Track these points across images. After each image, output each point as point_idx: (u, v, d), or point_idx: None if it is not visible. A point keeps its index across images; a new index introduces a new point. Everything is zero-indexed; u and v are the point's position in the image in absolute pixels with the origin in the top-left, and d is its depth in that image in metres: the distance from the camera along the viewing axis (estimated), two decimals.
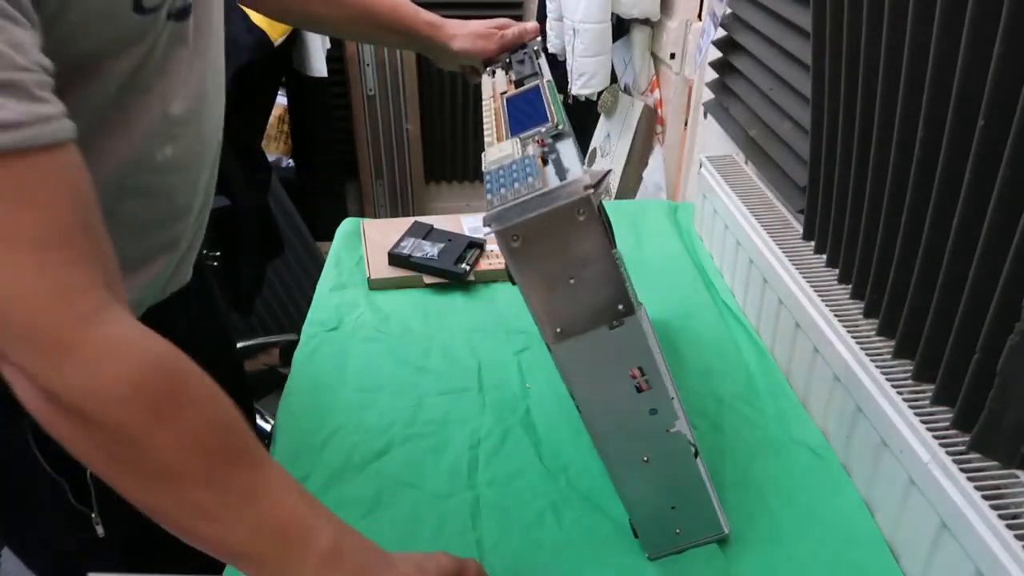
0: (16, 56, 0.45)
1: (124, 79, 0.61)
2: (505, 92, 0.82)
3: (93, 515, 0.75)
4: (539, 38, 0.97)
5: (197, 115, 0.70)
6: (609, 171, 0.80)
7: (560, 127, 0.68)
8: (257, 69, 1.82)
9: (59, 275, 0.45)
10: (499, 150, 0.67)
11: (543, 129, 0.68)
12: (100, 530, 0.76)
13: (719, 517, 0.73)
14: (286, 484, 0.53)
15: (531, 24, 0.98)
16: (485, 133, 0.74)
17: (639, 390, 0.65)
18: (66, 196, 0.47)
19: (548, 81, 0.80)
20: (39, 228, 0.45)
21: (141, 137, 0.64)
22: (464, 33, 0.96)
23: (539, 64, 0.88)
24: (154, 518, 0.50)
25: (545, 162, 0.63)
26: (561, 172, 0.60)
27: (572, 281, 0.61)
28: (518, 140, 0.68)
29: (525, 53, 0.92)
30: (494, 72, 0.90)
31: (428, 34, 0.96)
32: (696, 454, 0.70)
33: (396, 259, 1.16)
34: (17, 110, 0.44)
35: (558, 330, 0.62)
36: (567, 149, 0.64)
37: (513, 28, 0.97)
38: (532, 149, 0.65)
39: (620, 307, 0.62)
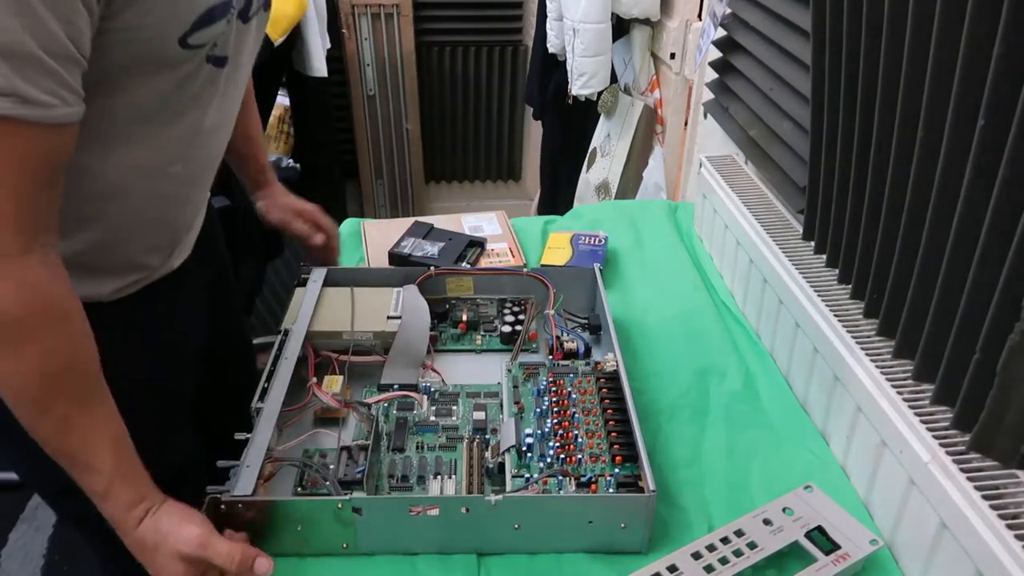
0: (64, 39, 0.53)
1: (156, 100, 0.67)
2: None
3: None
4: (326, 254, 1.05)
5: (210, 141, 0.77)
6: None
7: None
8: (257, 69, 1.82)
9: (13, 223, 0.56)
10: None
11: None
12: None
13: (639, 488, 0.72)
14: (103, 427, 0.65)
15: (322, 238, 1.05)
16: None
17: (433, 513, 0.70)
18: (51, 164, 0.58)
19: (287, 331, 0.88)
20: (19, 186, 0.56)
21: (161, 152, 0.72)
22: (274, 200, 1.06)
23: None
24: None
25: None
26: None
27: (301, 529, 0.70)
28: None
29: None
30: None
31: (252, 188, 1.06)
32: (543, 483, 0.73)
33: (396, 259, 1.16)
34: (43, 87, 0.53)
35: (344, 545, 0.71)
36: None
37: (304, 226, 1.05)
38: None
39: (350, 509, 0.69)
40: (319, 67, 2.05)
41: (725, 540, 0.70)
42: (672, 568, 0.67)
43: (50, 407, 0.61)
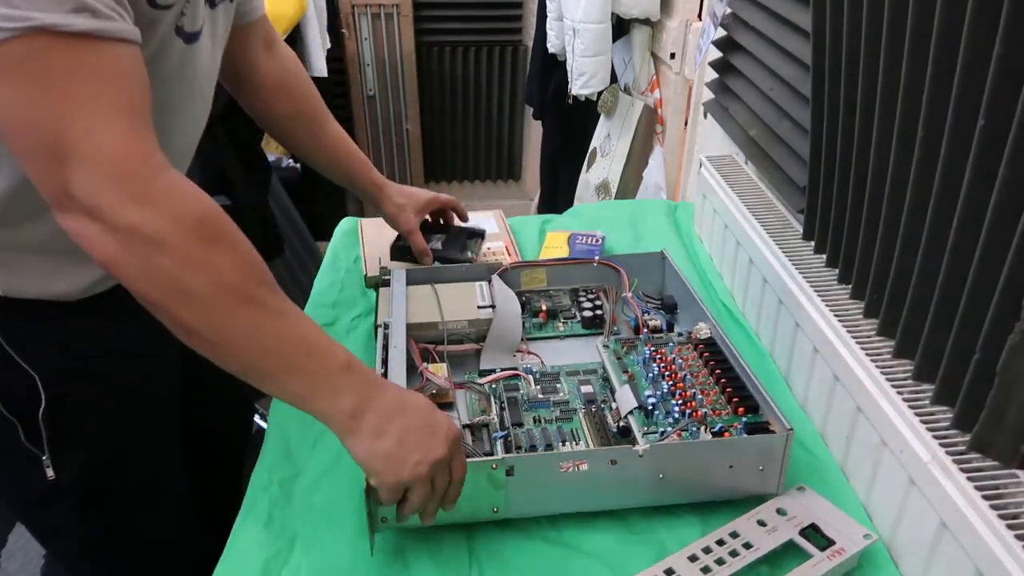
0: None
1: None
2: None
3: (44, 458, 0.77)
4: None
5: (175, 127, 0.77)
6: None
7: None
8: None
9: (144, 136, 0.58)
10: None
11: None
12: (50, 472, 0.78)
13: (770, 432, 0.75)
14: (300, 312, 0.66)
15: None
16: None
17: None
18: (143, 81, 0.59)
19: None
20: (128, 101, 0.57)
21: None
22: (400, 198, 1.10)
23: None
24: (200, 342, 0.61)
25: None
26: None
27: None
28: None
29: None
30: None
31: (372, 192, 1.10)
32: (676, 435, 0.74)
33: (400, 251, 1.15)
34: (103, 3, 0.55)
35: (495, 509, 0.73)
36: None
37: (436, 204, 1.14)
38: None
39: (504, 470, 0.70)
40: (319, 67, 2.05)
41: (720, 542, 0.70)
42: (669, 571, 0.68)
43: (263, 296, 0.62)
